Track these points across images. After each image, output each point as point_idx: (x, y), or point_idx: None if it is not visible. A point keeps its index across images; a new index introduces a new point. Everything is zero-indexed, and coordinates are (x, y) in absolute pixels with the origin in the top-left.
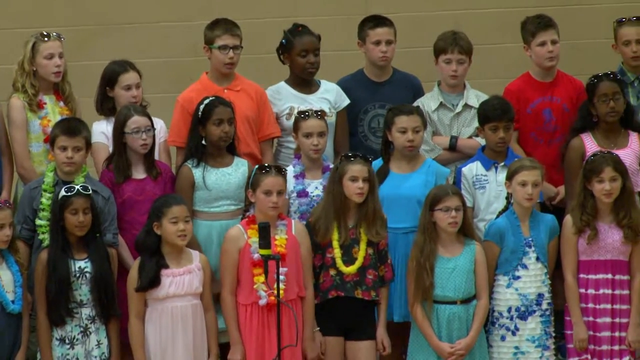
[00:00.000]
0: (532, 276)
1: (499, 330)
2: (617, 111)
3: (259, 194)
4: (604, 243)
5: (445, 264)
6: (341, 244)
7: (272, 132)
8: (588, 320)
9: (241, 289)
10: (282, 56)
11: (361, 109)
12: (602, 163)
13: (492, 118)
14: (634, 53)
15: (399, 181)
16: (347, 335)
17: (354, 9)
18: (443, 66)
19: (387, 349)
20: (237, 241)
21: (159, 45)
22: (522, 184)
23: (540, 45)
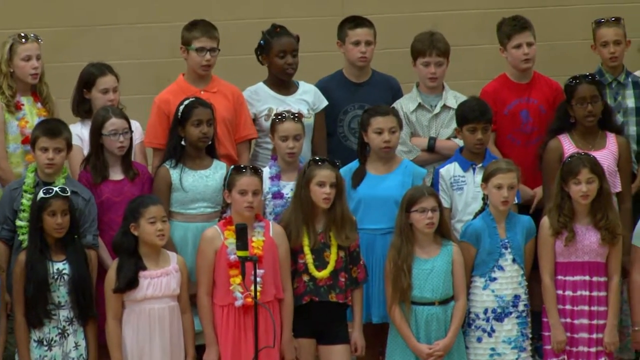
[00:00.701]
0: (509, 278)
1: (475, 332)
2: (594, 115)
3: (235, 194)
4: (581, 245)
5: (422, 265)
6: (312, 248)
7: (248, 133)
8: (565, 321)
9: (217, 290)
10: (260, 57)
11: (341, 109)
12: (578, 165)
13: (470, 119)
14: (611, 54)
15: (375, 182)
16: (320, 339)
17: (332, 10)
18: (421, 69)
19: (359, 350)
20: (214, 242)
21: (136, 46)
22: (498, 187)
23: (516, 47)
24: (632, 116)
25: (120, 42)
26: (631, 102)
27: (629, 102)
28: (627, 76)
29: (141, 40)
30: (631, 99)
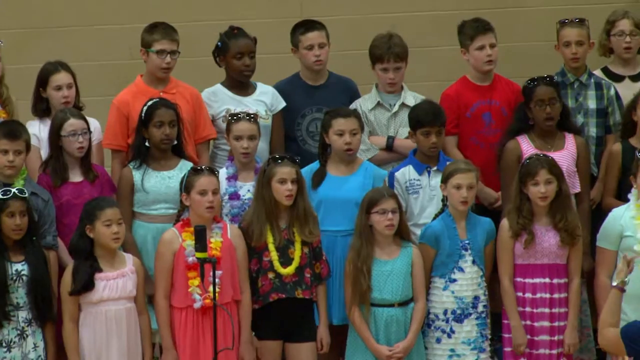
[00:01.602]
0: (469, 279)
1: (435, 333)
2: (552, 117)
3: (194, 195)
4: (540, 247)
5: (382, 266)
6: (276, 246)
7: (208, 134)
8: (526, 324)
9: (176, 292)
10: (218, 59)
11: (299, 113)
12: (537, 166)
13: (424, 123)
14: (573, 54)
15: (336, 184)
16: (287, 338)
17: (290, 12)
18: (380, 74)
19: (324, 347)
20: (172, 244)
21: (95, 47)
22: (457, 187)
23: (479, 49)
24: (593, 117)
25: (79, 44)
26: (592, 103)
27: (590, 104)
28: (590, 77)
29: (100, 41)
30: (592, 100)
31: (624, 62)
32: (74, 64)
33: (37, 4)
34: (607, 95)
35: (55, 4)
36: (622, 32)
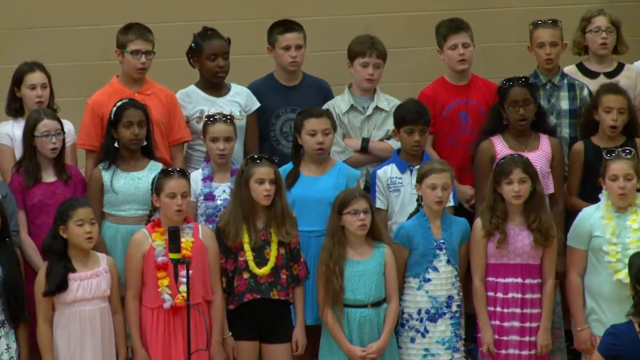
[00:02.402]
0: (443, 279)
1: (409, 332)
2: (526, 118)
3: (164, 198)
4: (513, 247)
5: (355, 267)
6: (252, 246)
7: (182, 136)
8: (495, 324)
9: (146, 292)
10: (191, 60)
11: (273, 113)
12: (511, 165)
13: (408, 121)
14: (547, 55)
15: (309, 184)
16: (264, 339)
17: (263, 12)
18: (359, 69)
19: (300, 349)
20: (141, 245)
21: (70, 48)
22: (432, 187)
23: (452, 48)
24: (566, 118)
25: (54, 45)
26: (565, 104)
27: (562, 104)
28: (562, 78)
29: (74, 42)
30: (565, 101)
31: (599, 59)
32: (49, 65)
33: (11, 5)
34: (580, 96)
35: (30, 6)
36: (598, 29)
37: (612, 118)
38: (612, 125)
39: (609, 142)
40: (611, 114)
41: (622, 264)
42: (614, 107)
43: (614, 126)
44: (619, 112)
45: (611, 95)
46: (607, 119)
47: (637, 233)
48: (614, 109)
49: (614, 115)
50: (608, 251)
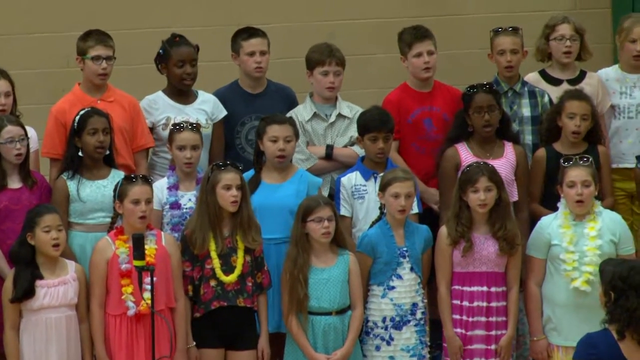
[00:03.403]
0: (407, 286)
1: (374, 340)
2: (491, 124)
3: (127, 204)
4: (479, 255)
5: (319, 274)
6: (219, 253)
7: (145, 142)
8: (460, 332)
9: (110, 299)
10: (159, 66)
11: (238, 121)
12: (477, 173)
13: (372, 128)
14: (507, 63)
15: (270, 191)
16: (229, 346)
17: (230, 19)
18: (320, 78)
19: (265, 358)
20: (105, 252)
21: (32, 56)
22: (395, 196)
23: (417, 56)
24: (528, 125)
25: (16, 52)
26: (527, 111)
27: (524, 112)
28: (523, 85)
29: (38, 50)
30: (527, 108)
31: (563, 67)
32: (11, 72)
33: None
34: (541, 102)
35: None
36: (562, 37)
37: (576, 124)
38: (575, 131)
39: (571, 148)
40: (574, 120)
41: (578, 272)
42: (577, 113)
43: (577, 132)
44: (582, 118)
45: (575, 102)
46: (570, 125)
47: (595, 241)
48: (577, 115)
49: (577, 121)
50: (565, 259)
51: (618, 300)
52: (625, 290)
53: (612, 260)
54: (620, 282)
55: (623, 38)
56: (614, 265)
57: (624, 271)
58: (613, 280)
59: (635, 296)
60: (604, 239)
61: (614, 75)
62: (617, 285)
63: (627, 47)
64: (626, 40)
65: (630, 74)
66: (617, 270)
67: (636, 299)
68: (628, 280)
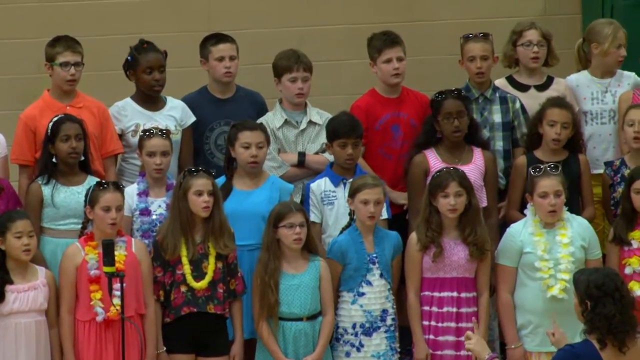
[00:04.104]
0: (377, 292)
1: (344, 347)
2: (460, 130)
3: (98, 211)
4: (449, 260)
5: (290, 280)
6: (190, 259)
7: (114, 148)
8: (429, 338)
9: (79, 305)
10: (128, 73)
11: (207, 126)
12: (447, 178)
13: (341, 134)
14: (478, 69)
15: (242, 197)
16: (199, 352)
17: (199, 25)
18: (288, 85)
19: None
20: (74, 258)
21: (2, 62)
22: (364, 202)
23: (386, 62)
24: (499, 131)
25: None
26: (498, 117)
27: (495, 118)
28: (494, 92)
29: (7, 56)
30: (498, 114)
31: (530, 72)
32: None
33: None
34: (512, 108)
35: None
36: (529, 42)
37: (556, 132)
38: (555, 139)
39: (551, 156)
40: (555, 128)
41: (554, 279)
42: (558, 121)
43: (557, 140)
44: (562, 126)
45: (556, 109)
46: (550, 133)
47: (568, 248)
48: (558, 122)
49: (558, 129)
50: (540, 267)
51: (595, 308)
52: (602, 297)
53: (585, 269)
54: (596, 290)
55: (609, 44)
56: (588, 274)
57: (598, 279)
58: (589, 289)
59: (612, 303)
60: (576, 245)
61: (585, 81)
62: (593, 294)
63: (613, 53)
64: (612, 46)
65: (600, 79)
66: (591, 279)
67: (613, 306)
68: (603, 288)
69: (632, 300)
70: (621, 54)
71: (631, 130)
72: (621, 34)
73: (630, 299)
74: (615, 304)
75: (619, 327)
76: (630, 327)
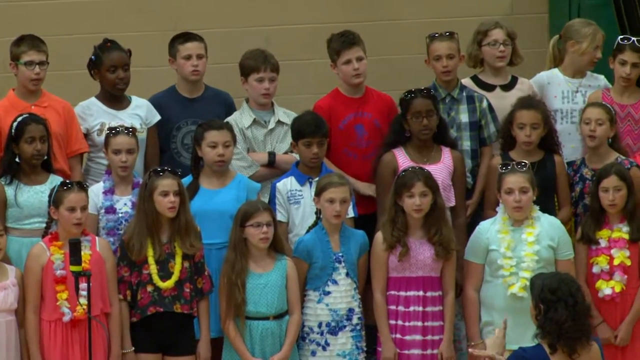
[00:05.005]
0: (343, 291)
1: (310, 345)
2: (430, 129)
3: (63, 211)
4: (415, 260)
5: (257, 279)
6: (157, 259)
7: (79, 147)
8: (396, 337)
9: (45, 305)
10: (92, 72)
11: (174, 125)
12: (412, 178)
13: (306, 134)
14: (444, 68)
15: (209, 196)
16: (166, 352)
17: (165, 25)
18: (255, 85)
19: None
20: (40, 258)
21: None
22: (330, 201)
23: (346, 63)
24: (466, 131)
25: None
26: (465, 117)
27: (462, 117)
28: (461, 91)
29: None
30: (465, 113)
31: (495, 72)
32: None
33: None
34: (479, 108)
35: None
36: (495, 42)
37: (526, 134)
38: (526, 141)
39: (526, 157)
40: (524, 130)
41: (516, 277)
42: (527, 123)
43: (528, 142)
44: (532, 127)
45: (524, 111)
46: (520, 135)
47: (533, 246)
48: (527, 124)
49: (527, 131)
50: (503, 265)
51: (548, 312)
52: (555, 302)
53: (542, 274)
54: (549, 294)
55: (587, 45)
56: (543, 279)
57: (553, 283)
58: (542, 293)
59: (564, 308)
60: (542, 245)
61: (556, 79)
62: (546, 298)
63: (590, 54)
64: (590, 47)
65: (572, 78)
66: (546, 283)
67: (565, 311)
68: (557, 293)
69: (587, 307)
70: (597, 56)
71: (587, 129)
72: (600, 36)
73: (584, 306)
74: (568, 309)
75: (570, 333)
76: (582, 334)
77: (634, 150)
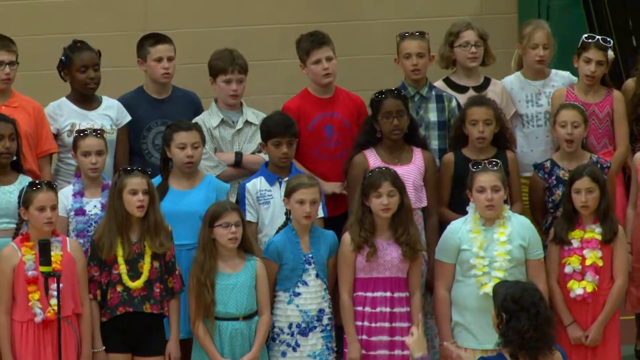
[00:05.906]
0: (313, 292)
1: (280, 346)
2: (400, 129)
3: (33, 211)
4: (382, 260)
5: (226, 280)
6: (126, 259)
7: (49, 147)
8: (362, 338)
9: (17, 306)
10: (62, 73)
11: (144, 126)
12: (379, 178)
13: (275, 133)
14: (413, 66)
15: (179, 197)
16: (136, 352)
17: (135, 25)
18: (223, 86)
19: None
20: (11, 259)
21: None
22: (300, 202)
23: (315, 63)
24: (435, 130)
25: None
26: (434, 115)
27: (431, 116)
28: (430, 90)
29: None
30: (434, 112)
31: (468, 73)
32: None
33: None
34: (448, 107)
35: None
36: (467, 43)
37: (479, 130)
38: (479, 137)
39: (479, 154)
40: (477, 126)
41: (488, 277)
42: (479, 120)
43: (481, 138)
44: (485, 123)
45: (475, 108)
46: (473, 132)
47: (505, 246)
48: (479, 121)
49: (480, 127)
50: (475, 264)
51: (509, 321)
52: (517, 311)
53: (506, 282)
54: (512, 303)
55: (525, 44)
56: (507, 287)
57: (516, 292)
58: (505, 302)
59: (526, 317)
60: (514, 244)
61: (518, 84)
62: (509, 307)
63: (529, 53)
64: (528, 46)
65: (533, 81)
66: (509, 292)
67: (527, 321)
68: (520, 302)
69: (549, 316)
70: (537, 54)
71: (564, 132)
72: (540, 34)
73: (547, 316)
74: (530, 319)
75: (532, 343)
76: (544, 344)
77: (597, 149)
